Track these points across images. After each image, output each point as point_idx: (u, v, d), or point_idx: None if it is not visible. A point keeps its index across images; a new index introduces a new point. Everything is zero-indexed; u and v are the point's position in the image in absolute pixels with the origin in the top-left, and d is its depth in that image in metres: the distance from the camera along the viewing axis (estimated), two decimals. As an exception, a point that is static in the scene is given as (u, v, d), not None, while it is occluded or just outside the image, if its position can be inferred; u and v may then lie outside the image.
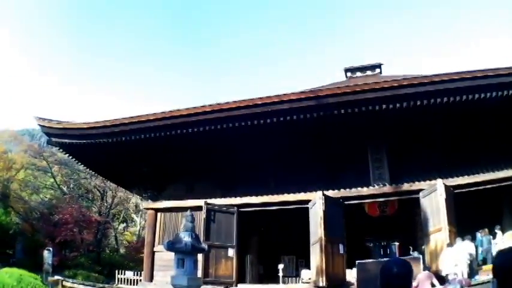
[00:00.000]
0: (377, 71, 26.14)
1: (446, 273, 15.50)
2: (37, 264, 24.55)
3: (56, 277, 20.99)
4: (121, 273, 26.45)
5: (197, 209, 19.19)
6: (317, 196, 18.61)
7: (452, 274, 15.15)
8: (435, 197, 17.16)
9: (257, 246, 24.45)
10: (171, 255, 13.69)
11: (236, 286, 19.90)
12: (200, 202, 20.18)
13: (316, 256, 18.28)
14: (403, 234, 22.12)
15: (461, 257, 15.47)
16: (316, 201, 18.60)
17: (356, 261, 18.29)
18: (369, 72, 26.05)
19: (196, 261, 13.15)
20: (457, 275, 15.01)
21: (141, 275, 23.00)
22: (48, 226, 34.99)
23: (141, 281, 22.76)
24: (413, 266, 3.25)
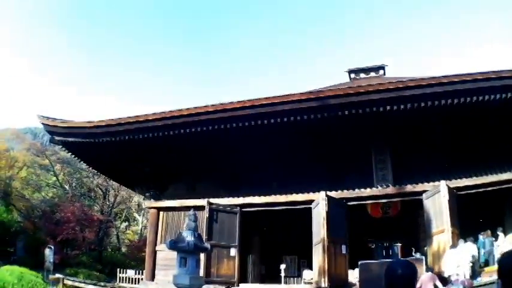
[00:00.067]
0: (381, 72, 26.14)
1: (448, 274, 15.52)
2: (38, 262, 24.60)
3: (57, 275, 21.06)
4: (122, 272, 26.47)
5: (199, 208, 19.11)
6: (320, 197, 18.61)
7: (454, 275, 15.16)
8: (438, 198, 17.15)
9: (259, 246, 24.44)
10: (173, 254, 13.70)
11: (238, 286, 19.90)
12: (203, 202, 20.18)
13: (318, 256, 18.27)
14: (405, 235, 22.13)
15: (464, 259, 15.48)
16: (319, 201, 18.60)
17: (358, 262, 18.30)
18: (372, 74, 26.05)
19: (198, 260, 13.17)
20: (459, 276, 15.02)
21: (142, 274, 23.05)
22: (49, 224, 35.02)
23: (142, 279, 22.78)
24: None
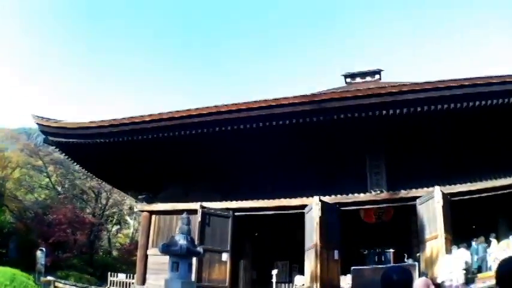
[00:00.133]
0: (377, 77, 26.07)
1: (441, 280, 15.47)
2: (30, 264, 24.41)
3: (48, 277, 20.97)
4: (113, 276, 26.29)
5: (192, 212, 18.91)
6: (314, 201, 18.55)
7: (448, 281, 15.12)
8: (432, 204, 17.13)
9: (251, 251, 24.31)
10: (164, 258, 13.62)
11: (229, 291, 19.81)
12: (195, 205, 20.08)
13: (310, 262, 18.20)
14: (398, 241, 22.05)
15: (457, 265, 15.43)
16: (313, 206, 18.54)
17: (351, 268, 18.23)
18: (368, 78, 25.99)
19: (190, 264, 13.10)
20: (452, 282, 14.98)
21: (133, 278, 22.88)
22: (41, 226, 34.79)
23: (133, 284, 22.65)
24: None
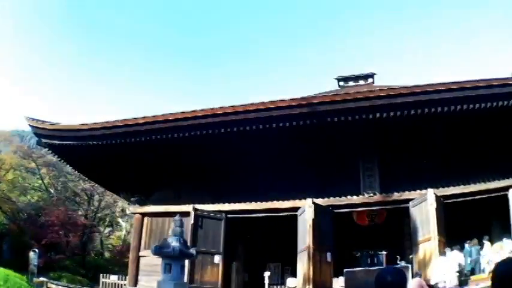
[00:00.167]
0: (370, 80, 26.02)
1: (435, 282, 15.50)
2: (23, 264, 24.31)
3: (41, 278, 20.95)
4: (105, 277, 26.21)
5: (185, 214, 18.79)
6: (306, 204, 18.54)
7: (441, 283, 15.15)
8: (425, 206, 17.16)
9: (243, 253, 24.27)
10: (156, 260, 13.59)
11: (222, 293, 19.77)
12: (188, 208, 20.01)
13: (303, 264, 18.19)
14: (390, 243, 22.04)
15: (450, 267, 15.47)
16: (306, 209, 18.53)
17: (344, 270, 18.23)
18: (361, 82, 25.93)
19: (183, 266, 13.07)
20: (446, 284, 15.02)
21: (125, 280, 22.83)
22: (34, 228, 34.71)
23: (125, 285, 22.59)
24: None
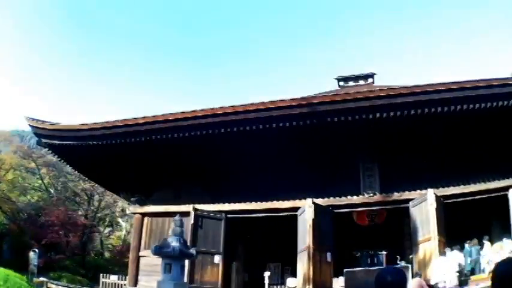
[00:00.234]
0: (370, 80, 25.96)
1: (435, 282, 15.49)
2: (23, 264, 24.32)
3: (41, 278, 20.98)
4: (105, 277, 26.20)
5: (185, 214, 18.75)
6: (306, 204, 18.54)
7: (442, 282, 15.14)
8: (425, 206, 17.16)
9: (243, 253, 24.25)
10: (156, 260, 13.57)
11: (222, 293, 19.75)
12: (188, 208, 20.00)
13: (303, 264, 18.18)
14: (390, 243, 22.04)
15: (450, 267, 15.47)
16: (306, 209, 18.52)
17: (344, 270, 18.21)
18: (361, 82, 25.89)
19: (183, 266, 13.06)
20: (446, 284, 15.01)
21: (125, 280, 22.82)
22: (34, 228, 34.72)
23: (125, 285, 22.58)
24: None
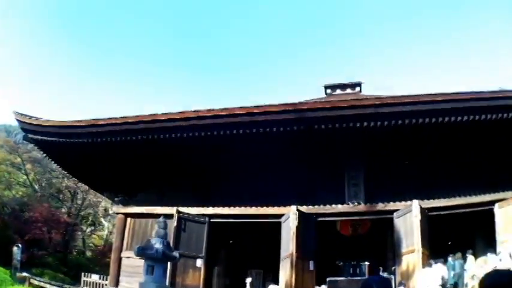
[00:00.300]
0: (357, 89, 26.01)
1: None
2: (7, 259, 24.20)
3: (24, 274, 20.88)
4: (87, 276, 26.03)
5: (168, 216, 18.58)
6: (291, 211, 18.51)
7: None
8: (410, 218, 17.18)
9: (225, 258, 24.23)
10: (138, 262, 13.47)
11: (203, 297, 19.64)
12: (172, 210, 19.87)
13: (286, 271, 18.13)
14: (373, 254, 22.08)
15: (433, 280, 15.48)
16: (290, 216, 18.48)
17: (327, 278, 18.18)
18: (349, 90, 25.91)
19: (166, 269, 12.98)
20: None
21: (106, 280, 22.68)
22: (18, 223, 34.56)
23: (106, 285, 22.45)
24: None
